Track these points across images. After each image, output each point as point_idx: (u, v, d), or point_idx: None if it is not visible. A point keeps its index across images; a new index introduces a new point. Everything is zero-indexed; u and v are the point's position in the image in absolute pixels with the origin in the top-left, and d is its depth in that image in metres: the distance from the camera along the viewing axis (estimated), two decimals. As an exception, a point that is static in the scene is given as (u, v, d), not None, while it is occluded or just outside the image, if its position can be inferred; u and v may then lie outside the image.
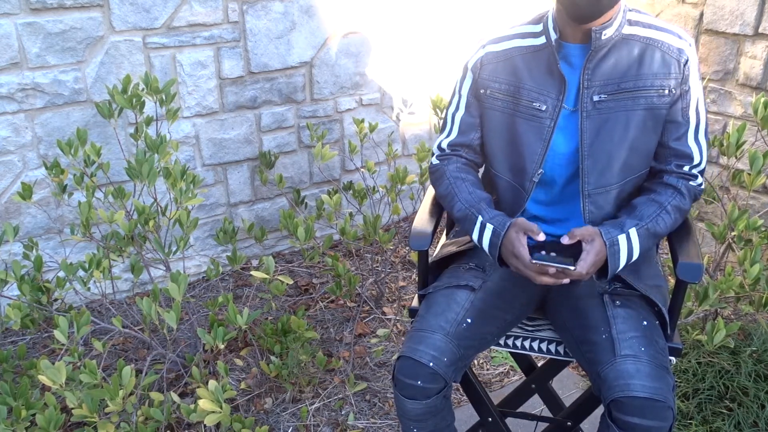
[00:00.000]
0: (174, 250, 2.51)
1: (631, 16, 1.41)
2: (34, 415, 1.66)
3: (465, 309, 1.44)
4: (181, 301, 2.31)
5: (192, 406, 1.72)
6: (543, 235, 1.37)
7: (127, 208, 2.17)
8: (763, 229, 2.28)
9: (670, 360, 1.46)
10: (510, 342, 1.57)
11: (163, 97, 2.30)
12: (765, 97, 2.13)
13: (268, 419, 2.15)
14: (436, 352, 1.37)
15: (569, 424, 1.61)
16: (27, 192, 2.08)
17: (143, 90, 2.30)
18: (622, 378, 1.28)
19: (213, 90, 2.70)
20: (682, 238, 1.47)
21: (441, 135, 1.62)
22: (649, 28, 1.41)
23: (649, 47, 1.39)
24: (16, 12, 2.26)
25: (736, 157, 2.19)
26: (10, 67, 2.30)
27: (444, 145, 1.61)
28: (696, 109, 1.44)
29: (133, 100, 2.24)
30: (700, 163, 1.47)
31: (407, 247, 3.17)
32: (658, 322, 1.43)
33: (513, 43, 1.49)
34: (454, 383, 1.42)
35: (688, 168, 1.46)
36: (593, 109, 1.41)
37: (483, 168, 1.69)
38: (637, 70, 1.39)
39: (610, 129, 1.41)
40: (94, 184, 2.07)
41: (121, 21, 2.43)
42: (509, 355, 2.42)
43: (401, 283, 2.90)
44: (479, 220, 1.45)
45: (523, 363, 1.82)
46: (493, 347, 1.62)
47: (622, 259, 1.37)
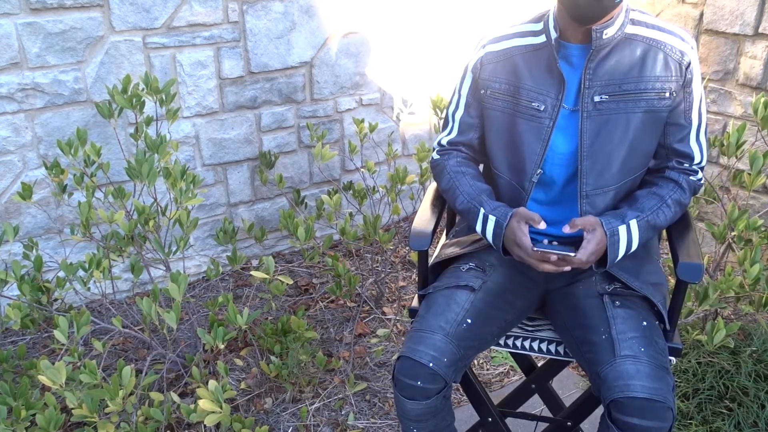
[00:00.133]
0: (174, 250, 2.51)
1: (634, 15, 1.41)
2: (34, 415, 1.66)
3: (465, 309, 1.44)
4: (181, 301, 2.31)
5: (192, 406, 1.72)
6: (544, 223, 1.39)
7: (127, 208, 2.17)
8: (763, 229, 2.28)
9: (670, 360, 1.46)
10: (510, 342, 1.57)
11: (163, 97, 2.30)
12: (765, 97, 2.13)
13: (268, 419, 2.15)
14: (436, 352, 1.37)
15: (569, 424, 1.61)
16: (27, 192, 2.08)
17: (143, 90, 2.30)
18: (621, 378, 1.28)
19: (213, 90, 2.70)
20: (683, 238, 1.48)
21: (442, 132, 1.64)
22: (652, 28, 1.40)
23: (651, 48, 1.39)
24: (16, 12, 2.26)
25: (737, 157, 2.19)
26: (10, 67, 2.30)
27: (444, 142, 1.64)
28: (698, 110, 1.44)
29: (133, 100, 2.24)
30: (701, 161, 1.49)
31: (407, 247, 3.17)
32: (658, 322, 1.43)
33: (512, 42, 1.49)
34: (454, 383, 1.42)
35: (688, 165, 1.48)
36: (594, 109, 1.41)
37: (482, 166, 1.70)
38: (639, 72, 1.39)
39: (611, 130, 1.41)
40: (94, 184, 2.07)
41: (121, 21, 2.43)
42: (509, 355, 2.42)
43: (401, 283, 2.90)
44: (481, 212, 1.47)
45: (523, 363, 1.82)
46: (493, 347, 1.62)
47: (621, 249, 1.39)
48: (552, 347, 1.54)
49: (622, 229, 1.39)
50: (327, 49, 2.91)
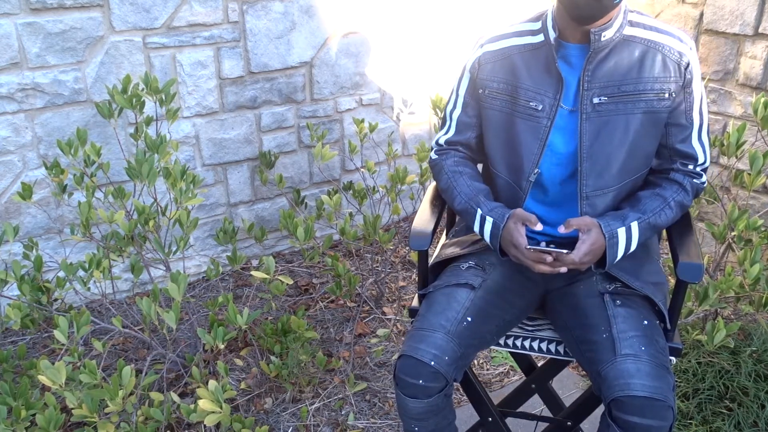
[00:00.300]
0: (174, 250, 2.51)
1: (632, 17, 1.41)
2: (34, 415, 1.66)
3: (465, 307, 1.44)
4: (181, 301, 2.31)
5: (192, 406, 1.72)
6: (540, 225, 1.40)
7: (127, 208, 2.17)
8: (763, 229, 2.28)
9: (671, 360, 1.46)
10: (510, 342, 1.57)
11: (163, 97, 2.30)
12: (765, 97, 2.13)
13: (268, 419, 2.15)
14: (437, 350, 1.37)
15: (569, 424, 1.61)
16: (27, 192, 2.08)
17: (143, 90, 2.30)
18: (622, 377, 1.28)
19: (213, 90, 2.70)
20: (683, 238, 1.48)
21: (440, 131, 1.65)
22: (650, 30, 1.41)
23: (650, 50, 1.39)
24: (16, 12, 2.26)
25: (737, 157, 2.19)
26: (10, 67, 2.30)
27: (442, 141, 1.64)
28: (699, 110, 1.44)
29: (133, 100, 2.24)
30: (705, 161, 1.49)
31: (407, 247, 3.17)
32: (658, 321, 1.43)
33: (510, 42, 1.49)
34: (455, 382, 1.42)
35: (693, 167, 1.48)
36: (593, 111, 1.41)
37: (481, 166, 1.70)
38: (637, 73, 1.39)
39: (610, 131, 1.41)
40: (94, 184, 2.07)
41: (121, 21, 2.43)
42: (509, 355, 2.42)
43: (401, 283, 2.90)
44: (479, 213, 1.48)
45: (523, 363, 1.82)
46: (493, 347, 1.62)
47: (620, 251, 1.40)
48: (552, 347, 1.54)
49: (622, 231, 1.39)
50: (327, 49, 2.91)
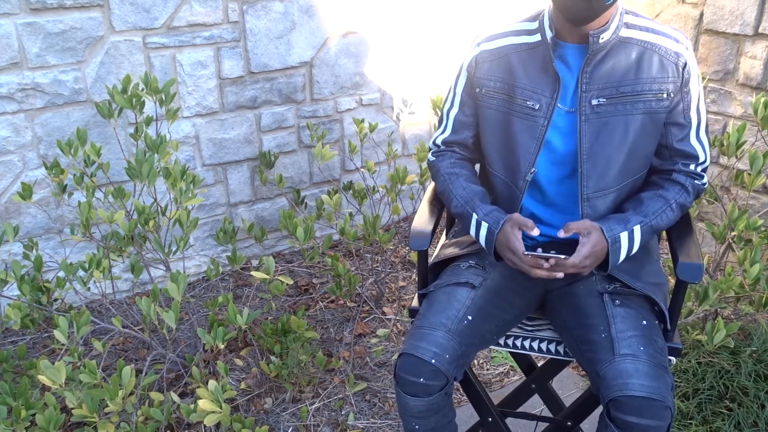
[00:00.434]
0: (174, 250, 2.51)
1: (628, 19, 1.41)
2: (34, 415, 1.66)
3: (466, 306, 1.44)
4: (181, 301, 2.31)
5: (192, 406, 1.72)
6: (537, 230, 1.39)
7: (127, 208, 2.17)
8: (763, 229, 2.28)
9: (670, 360, 1.46)
10: (510, 342, 1.57)
11: (163, 97, 2.30)
12: (765, 97, 2.13)
13: (268, 419, 2.15)
14: (438, 348, 1.37)
15: (569, 424, 1.61)
16: (27, 192, 2.08)
17: (143, 90, 2.30)
18: (620, 377, 1.28)
19: (213, 90, 2.70)
20: (683, 238, 1.48)
21: (437, 131, 1.65)
22: (646, 31, 1.41)
23: (646, 51, 1.39)
24: (16, 12, 2.26)
25: (737, 157, 2.19)
26: (10, 67, 2.30)
27: (439, 141, 1.64)
28: (697, 109, 1.44)
29: (133, 100, 2.24)
30: (705, 160, 1.49)
31: (407, 247, 3.17)
32: (657, 321, 1.43)
33: (507, 41, 1.49)
34: (455, 381, 1.42)
35: (694, 167, 1.48)
36: (592, 112, 1.41)
37: (479, 165, 1.70)
38: (635, 74, 1.39)
39: (609, 133, 1.41)
40: (94, 184, 2.08)
41: (121, 21, 2.43)
42: (509, 355, 2.42)
43: (401, 283, 2.90)
44: (474, 217, 1.47)
45: (523, 363, 1.82)
46: (493, 347, 1.62)
47: (622, 254, 1.40)
48: (552, 347, 1.54)
49: (624, 235, 1.39)
50: (327, 49, 2.91)
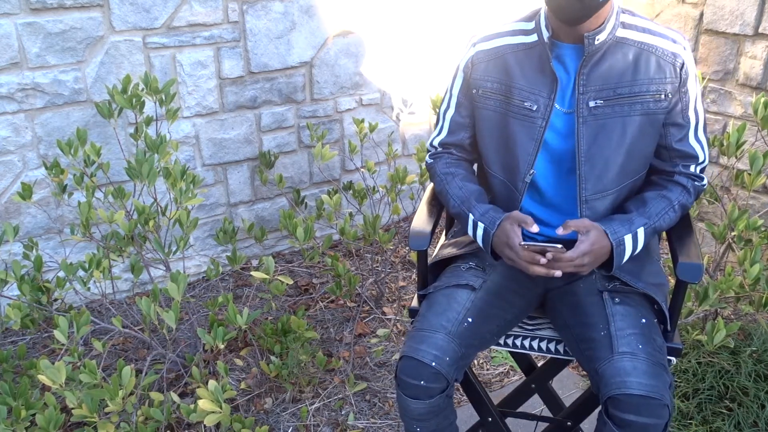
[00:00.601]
0: (174, 250, 2.51)
1: (625, 18, 1.41)
2: (34, 415, 1.66)
3: (466, 308, 1.44)
4: (181, 301, 2.31)
5: (192, 406, 1.72)
6: (537, 226, 1.38)
7: (127, 208, 2.17)
8: (763, 229, 2.28)
9: (670, 360, 1.46)
10: (510, 341, 1.57)
11: (163, 97, 2.30)
12: (765, 97, 2.13)
13: (268, 419, 2.15)
14: (438, 351, 1.37)
15: (569, 424, 1.61)
16: (27, 192, 2.08)
17: (143, 90, 2.30)
18: (619, 375, 1.28)
19: (213, 90, 2.70)
20: (683, 238, 1.48)
21: (434, 132, 1.64)
22: (643, 32, 1.40)
23: (643, 52, 1.39)
24: (16, 12, 2.26)
25: (736, 157, 2.19)
26: (10, 67, 2.30)
27: (436, 143, 1.64)
28: (695, 108, 1.44)
29: (133, 100, 2.24)
30: (704, 160, 1.49)
31: (407, 247, 3.17)
32: (656, 320, 1.43)
33: (504, 41, 1.48)
34: (455, 382, 1.42)
35: (694, 168, 1.48)
36: (589, 114, 1.41)
37: (477, 165, 1.70)
38: (632, 76, 1.39)
39: (608, 134, 1.41)
40: (94, 184, 2.08)
41: (121, 21, 2.43)
42: (509, 355, 2.42)
43: (401, 283, 2.90)
44: (471, 218, 1.47)
45: (523, 363, 1.82)
46: (493, 347, 1.62)
47: (626, 256, 1.41)
48: (552, 346, 1.54)
49: (628, 238, 1.39)
50: (327, 49, 2.91)
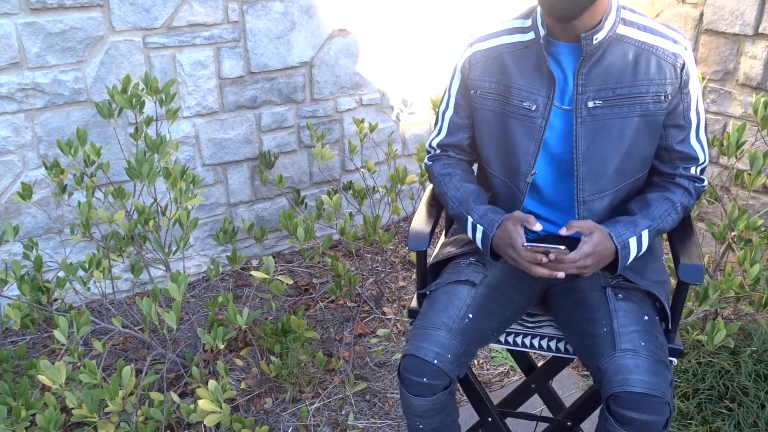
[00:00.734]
0: (174, 250, 2.51)
1: (626, 15, 1.39)
2: (34, 415, 1.66)
3: (466, 305, 1.44)
4: (181, 301, 2.31)
5: (192, 406, 1.72)
6: (539, 225, 1.38)
7: (127, 208, 2.17)
8: (763, 229, 2.28)
9: (671, 360, 1.46)
10: (511, 339, 1.57)
11: (163, 97, 2.30)
12: (765, 97, 2.13)
13: (268, 419, 2.15)
14: (440, 349, 1.37)
15: (569, 424, 1.61)
16: (27, 192, 2.08)
17: (143, 90, 2.30)
18: (621, 373, 1.28)
19: (213, 90, 2.70)
20: (683, 239, 1.48)
21: (433, 133, 1.63)
22: (644, 31, 1.38)
23: (643, 52, 1.37)
24: (16, 12, 2.26)
25: (736, 157, 2.19)
26: (10, 67, 2.30)
27: (435, 144, 1.63)
28: (696, 109, 1.43)
29: (133, 100, 2.24)
30: (705, 161, 1.49)
31: (407, 247, 3.17)
32: (658, 317, 1.43)
33: (500, 41, 1.47)
34: (458, 379, 1.42)
35: (694, 169, 1.48)
36: (588, 114, 1.40)
37: (477, 165, 1.69)
38: (632, 76, 1.37)
39: (606, 135, 1.40)
40: (94, 184, 2.08)
41: (121, 21, 2.43)
42: (509, 354, 2.42)
43: (401, 283, 2.90)
44: (470, 220, 1.47)
45: (523, 363, 1.82)
46: (493, 346, 1.62)
47: (631, 258, 1.41)
48: (552, 344, 1.54)
49: (633, 240, 1.38)
50: (327, 49, 2.91)
